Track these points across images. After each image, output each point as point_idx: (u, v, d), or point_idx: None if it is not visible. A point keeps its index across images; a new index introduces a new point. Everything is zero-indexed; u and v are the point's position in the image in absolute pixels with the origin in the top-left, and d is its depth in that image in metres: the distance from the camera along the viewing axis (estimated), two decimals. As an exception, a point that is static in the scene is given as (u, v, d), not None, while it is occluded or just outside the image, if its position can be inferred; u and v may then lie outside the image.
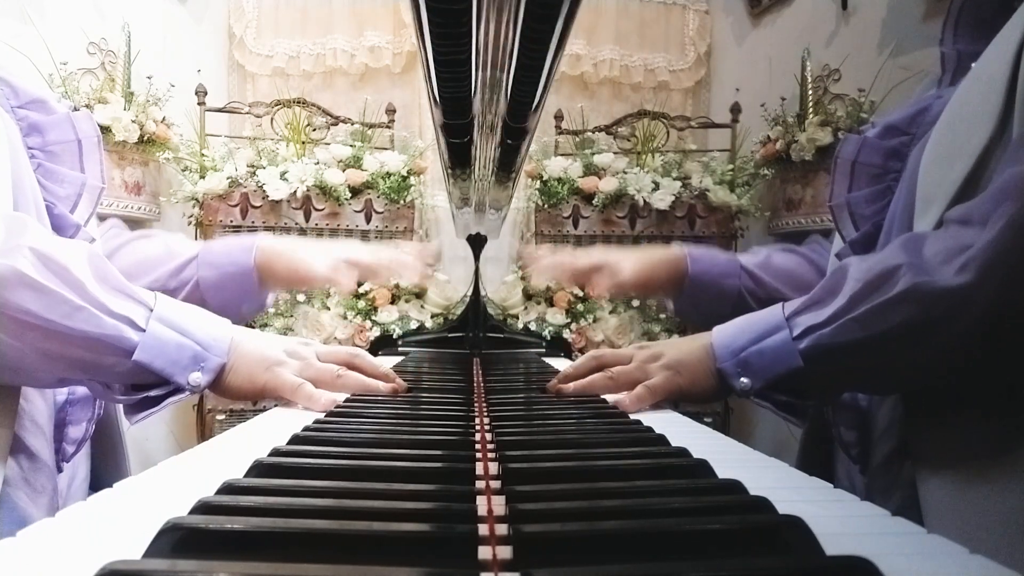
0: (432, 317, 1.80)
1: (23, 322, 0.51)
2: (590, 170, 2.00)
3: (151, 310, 0.58)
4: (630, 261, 0.92)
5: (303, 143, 1.98)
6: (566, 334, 1.79)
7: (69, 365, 0.55)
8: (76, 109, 0.71)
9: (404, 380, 0.73)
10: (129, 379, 0.58)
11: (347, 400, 0.67)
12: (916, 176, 0.60)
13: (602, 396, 0.70)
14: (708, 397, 0.65)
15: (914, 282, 0.51)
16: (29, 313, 0.51)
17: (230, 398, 0.65)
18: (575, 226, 2.01)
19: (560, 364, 1.09)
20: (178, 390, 0.59)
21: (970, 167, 0.53)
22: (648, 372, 0.67)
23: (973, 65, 0.62)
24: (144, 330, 0.56)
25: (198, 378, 0.59)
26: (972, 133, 0.53)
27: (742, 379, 0.60)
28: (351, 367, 0.70)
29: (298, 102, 2.00)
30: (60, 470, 0.67)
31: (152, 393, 0.59)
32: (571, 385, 0.71)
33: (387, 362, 0.90)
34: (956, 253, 0.50)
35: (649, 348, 0.69)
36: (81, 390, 0.69)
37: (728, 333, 0.63)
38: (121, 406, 0.61)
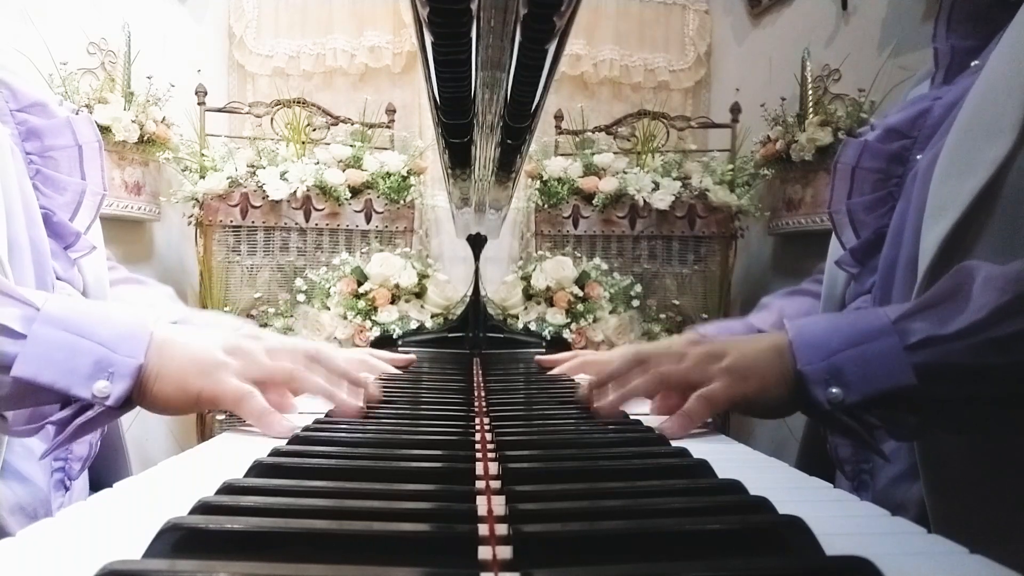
0: (432, 317, 1.80)
1: None
2: (590, 170, 2.00)
3: (39, 310, 0.47)
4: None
5: (303, 143, 1.98)
6: (566, 334, 1.79)
7: None
8: (78, 111, 0.69)
9: (404, 380, 0.71)
10: (21, 402, 0.47)
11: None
12: (925, 184, 0.57)
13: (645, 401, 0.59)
14: (776, 410, 0.53)
15: None
16: None
17: (160, 411, 0.52)
18: (575, 226, 2.01)
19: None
20: (86, 407, 0.47)
21: (987, 179, 0.50)
22: (708, 375, 0.54)
23: (974, 63, 0.61)
24: (25, 336, 0.46)
25: (105, 387, 0.47)
26: (988, 144, 0.51)
27: (832, 389, 0.48)
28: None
29: (298, 102, 2.00)
30: (67, 488, 0.66)
31: (53, 419, 0.47)
32: (612, 397, 0.58)
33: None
34: None
35: (706, 345, 0.57)
36: None
37: (814, 331, 0.51)
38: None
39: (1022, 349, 0.44)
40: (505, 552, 0.28)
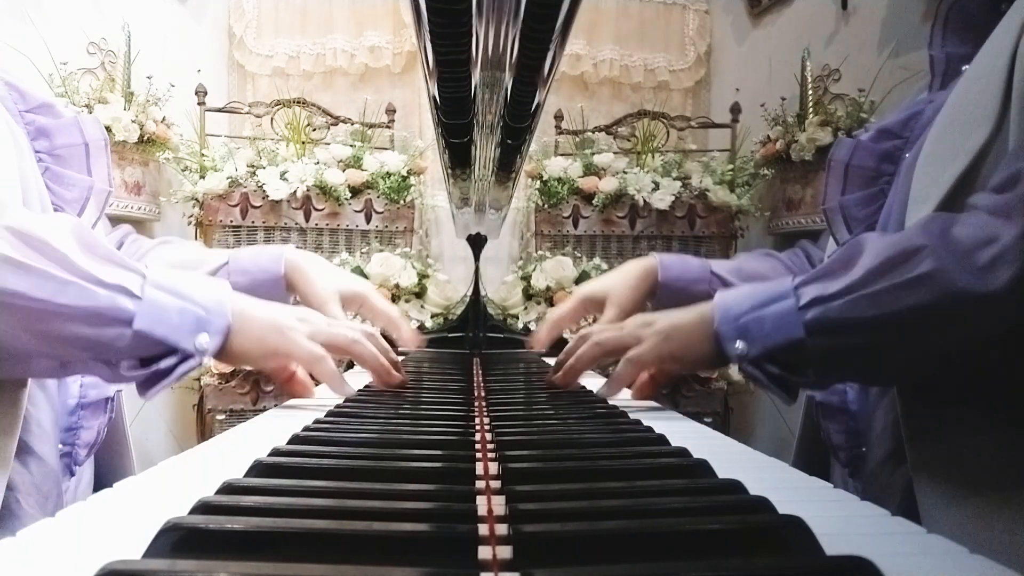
0: (432, 317, 1.80)
1: (13, 305, 0.50)
2: (590, 170, 2.00)
3: (145, 277, 0.56)
4: (609, 284, 0.88)
5: (303, 143, 1.98)
6: (566, 334, 1.79)
7: (69, 344, 0.53)
8: (89, 109, 0.72)
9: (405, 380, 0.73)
10: (134, 352, 0.56)
11: (347, 400, 0.67)
12: (909, 175, 0.59)
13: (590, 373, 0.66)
14: (702, 363, 0.63)
15: (936, 267, 0.49)
16: (17, 295, 0.50)
17: (237, 363, 0.66)
18: (575, 226, 2.01)
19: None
20: (187, 358, 0.57)
21: (965, 167, 0.53)
22: (639, 338, 0.64)
23: (964, 68, 0.62)
24: (141, 298, 0.54)
25: (205, 341, 0.57)
26: (968, 134, 0.53)
27: (738, 344, 0.57)
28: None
29: (298, 102, 2.00)
30: (73, 473, 0.67)
31: (162, 365, 0.56)
32: (563, 371, 0.69)
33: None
34: (983, 244, 0.48)
35: (642, 316, 0.67)
36: (93, 393, 0.68)
37: (732, 297, 0.60)
38: (134, 386, 0.58)
39: (888, 302, 0.51)
40: (505, 552, 0.28)
